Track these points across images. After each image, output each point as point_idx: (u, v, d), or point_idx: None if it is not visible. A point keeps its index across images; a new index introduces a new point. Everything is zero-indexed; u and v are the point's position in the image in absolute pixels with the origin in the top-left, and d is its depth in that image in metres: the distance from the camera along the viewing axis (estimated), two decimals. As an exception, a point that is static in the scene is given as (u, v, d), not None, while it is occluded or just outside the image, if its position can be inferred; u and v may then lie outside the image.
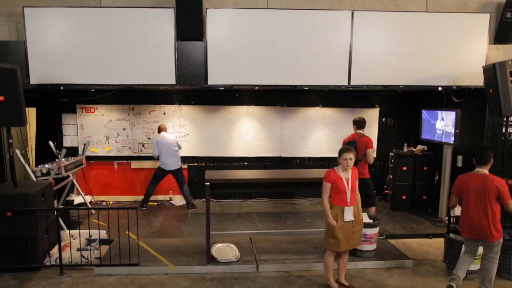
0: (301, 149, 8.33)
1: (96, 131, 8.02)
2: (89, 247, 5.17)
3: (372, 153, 5.86)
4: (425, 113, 7.25)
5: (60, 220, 5.59)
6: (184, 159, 8.13)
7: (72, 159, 6.75)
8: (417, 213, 7.23)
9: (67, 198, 7.37)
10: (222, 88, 6.49)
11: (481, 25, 5.89)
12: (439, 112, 6.83)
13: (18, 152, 5.86)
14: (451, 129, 6.46)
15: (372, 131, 8.39)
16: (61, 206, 6.50)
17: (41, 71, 5.56)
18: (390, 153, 7.82)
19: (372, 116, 8.38)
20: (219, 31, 5.65)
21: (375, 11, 5.89)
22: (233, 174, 5.71)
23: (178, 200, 8.09)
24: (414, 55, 5.89)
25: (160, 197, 8.19)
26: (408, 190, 7.46)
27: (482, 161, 4.24)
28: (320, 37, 5.76)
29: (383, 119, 8.48)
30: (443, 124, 6.73)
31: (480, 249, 4.43)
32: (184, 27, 5.55)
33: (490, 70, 5.19)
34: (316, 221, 6.88)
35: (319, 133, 8.33)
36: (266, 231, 6.30)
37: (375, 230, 5.17)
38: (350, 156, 4.27)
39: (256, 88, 6.83)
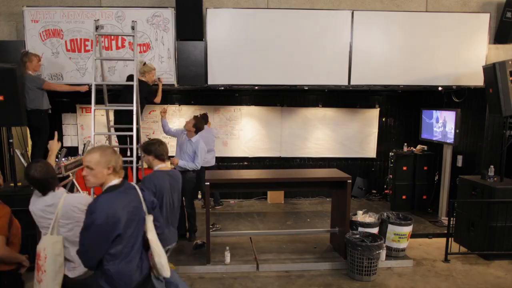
0: (301, 149, 8.33)
1: (96, 131, 7.99)
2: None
3: None
4: (424, 113, 7.25)
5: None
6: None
7: (72, 159, 6.73)
8: (417, 213, 7.22)
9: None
10: (222, 88, 6.49)
11: (481, 24, 5.89)
12: (437, 112, 6.84)
13: (18, 151, 5.85)
14: (450, 129, 6.46)
15: (372, 131, 8.40)
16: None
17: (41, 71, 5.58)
18: (390, 153, 7.82)
19: (372, 116, 8.39)
20: (219, 31, 5.65)
21: (375, 11, 5.89)
22: (233, 174, 5.71)
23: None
24: (414, 55, 5.90)
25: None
26: (408, 190, 7.46)
27: None
28: (320, 37, 5.76)
29: (383, 119, 8.48)
30: (440, 125, 6.74)
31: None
32: (184, 27, 5.55)
33: (490, 70, 5.20)
34: (316, 221, 6.88)
35: (319, 133, 8.33)
36: (266, 231, 6.30)
37: (375, 230, 5.17)
38: None
39: (256, 88, 6.83)
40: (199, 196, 8.06)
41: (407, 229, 5.15)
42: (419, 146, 7.66)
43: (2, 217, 2.90)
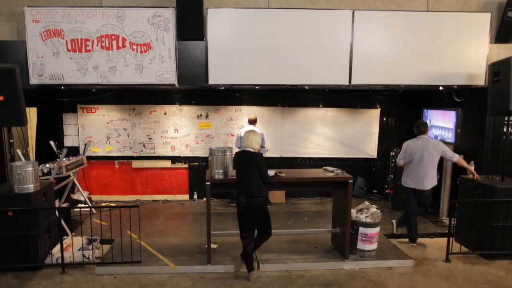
0: (302, 149, 8.33)
1: (97, 131, 8.03)
2: (90, 246, 5.17)
3: None
4: (426, 113, 7.24)
5: (63, 223, 5.58)
6: (185, 159, 8.15)
7: (73, 159, 6.76)
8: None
9: (73, 197, 7.42)
10: (223, 88, 6.50)
11: (482, 24, 5.88)
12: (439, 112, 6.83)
13: (19, 151, 5.87)
14: (451, 129, 6.45)
15: (373, 131, 8.39)
16: (63, 205, 6.50)
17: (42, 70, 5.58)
18: (391, 153, 7.80)
19: (373, 116, 8.38)
20: (219, 31, 5.66)
21: (376, 11, 5.89)
22: (233, 174, 5.69)
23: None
24: (415, 55, 5.89)
25: (161, 197, 8.23)
26: (409, 189, 7.44)
27: None
28: (320, 37, 5.75)
29: (384, 119, 8.47)
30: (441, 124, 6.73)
31: None
32: (185, 27, 5.55)
33: (504, 64, 5.06)
34: (317, 220, 6.88)
35: (320, 134, 8.32)
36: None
37: (376, 230, 5.16)
38: None
39: (257, 87, 6.83)
40: None
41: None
42: (420, 146, 7.64)
43: None
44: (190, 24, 5.53)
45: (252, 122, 7.48)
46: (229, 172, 4.97)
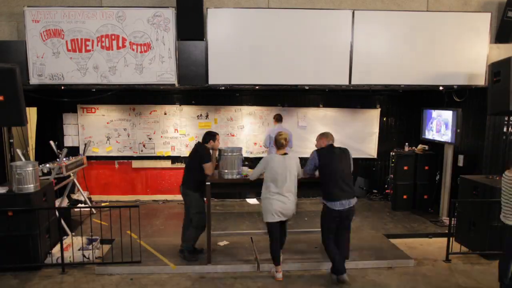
0: (302, 149, 8.31)
1: (97, 131, 8.03)
2: (90, 246, 5.17)
3: None
4: (425, 113, 7.24)
5: (64, 224, 5.58)
6: (185, 159, 8.14)
7: (73, 159, 6.75)
8: (418, 213, 7.22)
9: (73, 197, 7.42)
10: (223, 88, 6.50)
11: (482, 24, 5.88)
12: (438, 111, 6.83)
13: (19, 151, 5.87)
14: (451, 129, 6.44)
15: (373, 131, 8.39)
16: (64, 204, 6.50)
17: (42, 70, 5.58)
18: (391, 153, 7.81)
19: (373, 116, 8.37)
20: (219, 31, 5.65)
21: (376, 11, 5.89)
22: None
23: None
24: (415, 55, 5.89)
25: (161, 197, 8.23)
26: (409, 189, 7.45)
27: None
28: (321, 37, 5.75)
29: (384, 119, 8.47)
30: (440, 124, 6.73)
31: None
32: (185, 27, 5.55)
33: (504, 64, 5.07)
34: (317, 220, 6.85)
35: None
36: (266, 231, 6.28)
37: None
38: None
39: (257, 87, 6.83)
40: None
41: None
42: (420, 146, 7.65)
43: None
44: (190, 24, 5.53)
45: (278, 119, 7.40)
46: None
